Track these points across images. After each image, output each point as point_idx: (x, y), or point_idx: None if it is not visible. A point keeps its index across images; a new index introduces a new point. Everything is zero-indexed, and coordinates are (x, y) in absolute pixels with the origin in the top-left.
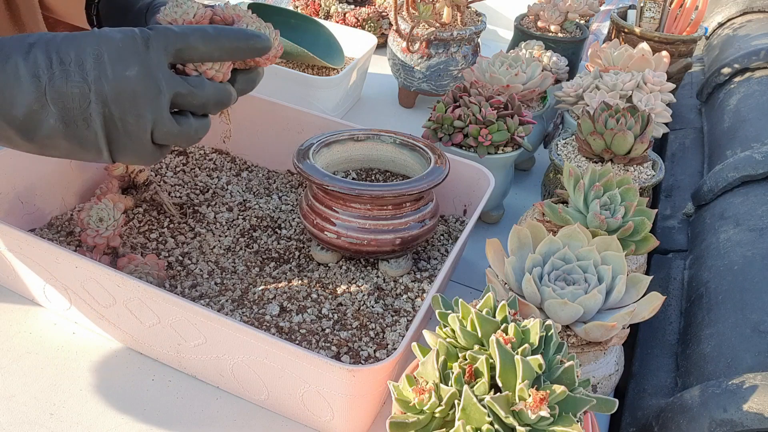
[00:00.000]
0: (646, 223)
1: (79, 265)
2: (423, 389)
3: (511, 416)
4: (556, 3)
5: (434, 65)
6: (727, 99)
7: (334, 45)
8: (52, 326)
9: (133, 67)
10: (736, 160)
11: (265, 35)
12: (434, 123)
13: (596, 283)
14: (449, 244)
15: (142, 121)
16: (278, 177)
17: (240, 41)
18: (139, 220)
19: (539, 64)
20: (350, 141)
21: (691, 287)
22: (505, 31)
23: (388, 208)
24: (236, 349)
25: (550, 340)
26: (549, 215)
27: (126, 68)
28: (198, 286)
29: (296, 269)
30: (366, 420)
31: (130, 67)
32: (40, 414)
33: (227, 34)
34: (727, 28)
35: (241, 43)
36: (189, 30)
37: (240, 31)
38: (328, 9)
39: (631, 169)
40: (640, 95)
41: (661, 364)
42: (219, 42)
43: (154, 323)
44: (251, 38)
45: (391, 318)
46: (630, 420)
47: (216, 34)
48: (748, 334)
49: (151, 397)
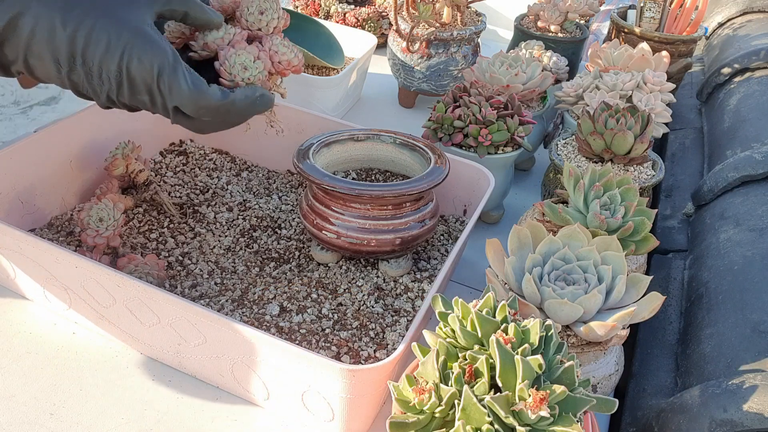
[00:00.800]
0: (646, 223)
1: (79, 265)
2: (423, 389)
3: (511, 416)
4: (556, 3)
5: (434, 65)
6: (727, 99)
7: (334, 45)
8: (52, 326)
9: (143, 96)
10: (736, 160)
11: (265, 101)
12: (434, 123)
13: (596, 283)
14: (449, 244)
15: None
16: (278, 177)
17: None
18: (139, 220)
19: (539, 64)
20: (350, 141)
21: (691, 287)
22: (505, 31)
23: (388, 208)
24: (236, 349)
25: (550, 340)
26: (549, 215)
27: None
28: (198, 286)
29: (296, 269)
30: (366, 420)
31: (139, 96)
32: (40, 414)
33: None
34: (727, 28)
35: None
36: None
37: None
38: (328, 9)
39: (631, 169)
40: (640, 95)
41: (661, 364)
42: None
43: (154, 323)
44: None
45: (391, 318)
46: (630, 420)
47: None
48: (748, 334)
49: (151, 397)
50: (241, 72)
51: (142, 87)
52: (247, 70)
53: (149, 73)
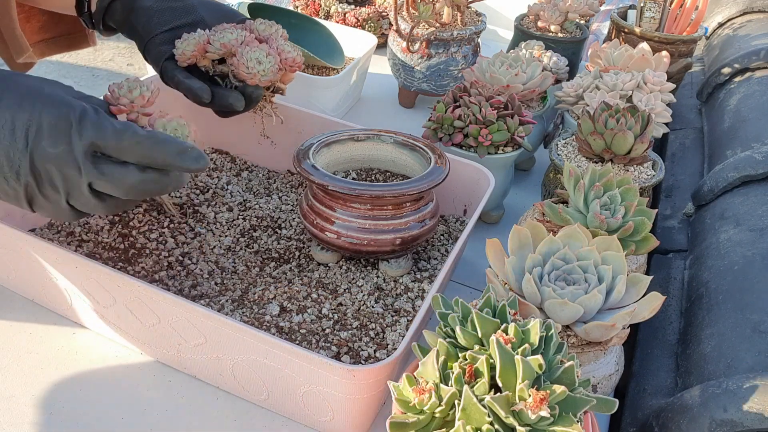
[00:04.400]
0: (646, 223)
1: (79, 265)
2: (423, 389)
3: (511, 416)
4: (556, 3)
5: (434, 65)
6: (727, 99)
7: (334, 45)
8: (52, 326)
9: (58, 146)
10: (736, 160)
11: (199, 160)
12: (434, 123)
13: (596, 283)
14: (449, 244)
15: (59, 192)
16: (278, 177)
17: (173, 161)
18: (139, 220)
19: (539, 64)
20: (350, 141)
21: (691, 287)
22: (505, 31)
23: (388, 208)
24: (236, 349)
25: (550, 340)
26: (549, 215)
27: (50, 146)
28: (198, 286)
29: (296, 269)
30: (366, 420)
31: (55, 146)
32: (40, 414)
33: (161, 149)
34: (727, 28)
35: (173, 162)
36: (127, 134)
37: (173, 153)
38: (328, 9)
39: (631, 169)
40: (640, 95)
41: (661, 364)
42: (152, 157)
43: (154, 323)
44: (184, 160)
45: (391, 318)
46: (630, 420)
47: (149, 146)
48: (748, 334)
49: (151, 397)
50: (256, 65)
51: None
52: (261, 63)
53: (65, 119)
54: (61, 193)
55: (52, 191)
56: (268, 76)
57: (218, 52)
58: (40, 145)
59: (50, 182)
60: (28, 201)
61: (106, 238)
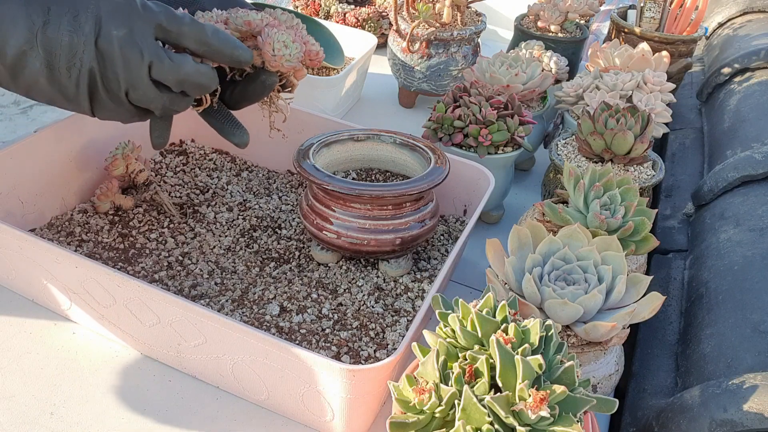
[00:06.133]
0: (646, 223)
1: (79, 265)
2: (423, 389)
3: (511, 416)
4: (556, 3)
5: (434, 65)
6: (727, 99)
7: (334, 45)
8: (52, 326)
9: (121, 28)
10: (736, 160)
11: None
12: (434, 123)
13: (596, 283)
14: (449, 244)
15: (120, 83)
16: (278, 177)
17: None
18: (139, 220)
19: (539, 64)
20: (350, 141)
21: (691, 287)
22: (505, 31)
23: (388, 208)
24: (236, 349)
25: (550, 340)
26: (549, 215)
27: (115, 28)
28: (198, 286)
29: (296, 269)
30: (366, 420)
31: (119, 28)
32: (40, 414)
33: (219, 40)
34: (727, 28)
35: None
36: (188, 20)
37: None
38: (328, 9)
39: (631, 169)
40: (640, 95)
41: (661, 364)
42: (209, 43)
43: (154, 323)
44: (236, 50)
45: (391, 318)
46: (630, 420)
47: (210, 36)
48: (748, 334)
49: (151, 397)
50: (282, 48)
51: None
52: (288, 47)
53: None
54: (122, 84)
55: (114, 81)
56: (292, 62)
57: (240, 30)
58: (105, 28)
59: (113, 69)
60: (90, 95)
61: (106, 238)
